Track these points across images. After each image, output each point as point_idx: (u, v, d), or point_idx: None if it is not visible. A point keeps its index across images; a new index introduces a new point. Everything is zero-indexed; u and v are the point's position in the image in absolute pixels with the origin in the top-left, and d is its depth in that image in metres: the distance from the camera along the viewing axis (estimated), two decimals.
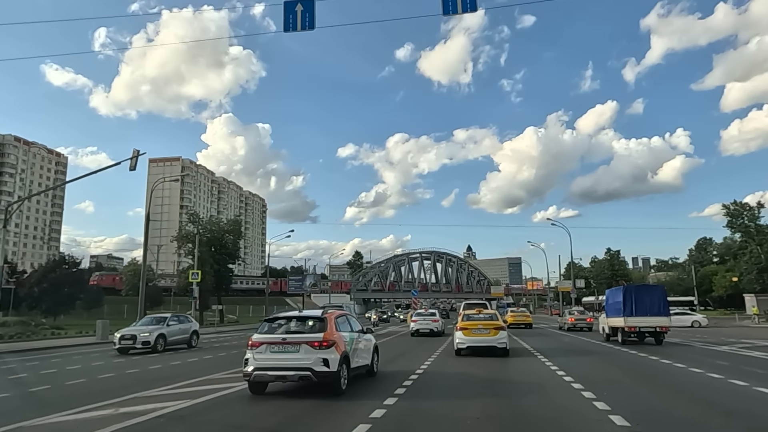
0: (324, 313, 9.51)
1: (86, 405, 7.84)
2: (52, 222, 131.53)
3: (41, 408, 7.71)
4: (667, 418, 7.04)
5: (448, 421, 6.85)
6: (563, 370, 11.78)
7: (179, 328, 20.68)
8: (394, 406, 7.54)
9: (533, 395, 8.79)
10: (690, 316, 40.94)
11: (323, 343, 8.49)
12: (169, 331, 19.79)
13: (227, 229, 57.71)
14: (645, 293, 21.33)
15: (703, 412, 7.52)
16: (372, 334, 11.92)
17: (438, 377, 11.13)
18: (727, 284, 66.88)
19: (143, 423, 6.67)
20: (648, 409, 7.55)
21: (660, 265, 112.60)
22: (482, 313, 17.54)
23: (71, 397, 8.84)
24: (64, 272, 54.48)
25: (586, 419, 6.83)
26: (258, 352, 8.64)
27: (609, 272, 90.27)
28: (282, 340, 8.69)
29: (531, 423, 6.79)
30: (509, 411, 7.52)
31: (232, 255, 57.41)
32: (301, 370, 8.32)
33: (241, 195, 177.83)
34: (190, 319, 22.65)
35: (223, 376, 11.47)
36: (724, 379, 10.44)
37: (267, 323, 9.38)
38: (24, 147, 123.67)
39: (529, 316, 39.10)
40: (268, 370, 8.46)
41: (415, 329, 27.25)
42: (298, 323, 9.19)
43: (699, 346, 19.91)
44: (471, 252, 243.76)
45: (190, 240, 49.73)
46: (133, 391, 9.21)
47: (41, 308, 52.10)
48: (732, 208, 67.54)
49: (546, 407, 7.79)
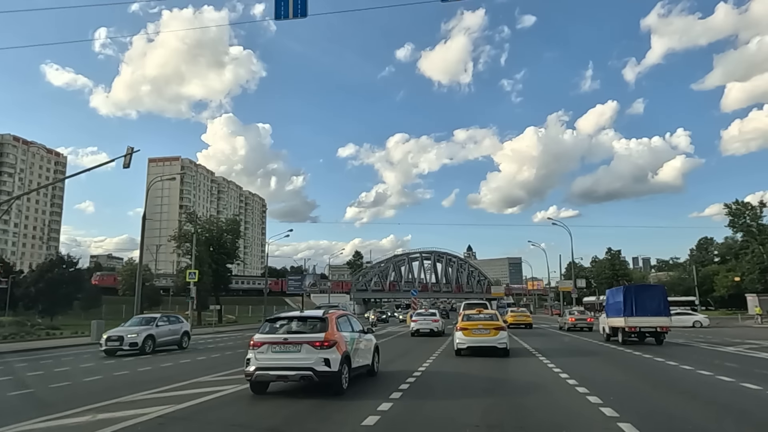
0: (325, 314, 9.48)
1: (66, 410, 7.44)
2: (52, 222, 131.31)
3: (16, 414, 7.30)
4: (680, 426, 6.62)
5: (447, 420, 6.88)
6: (566, 372, 11.38)
7: (169, 329, 19.97)
8: (395, 406, 7.55)
9: (535, 398, 8.43)
10: (691, 316, 40.44)
11: (324, 343, 8.53)
12: (159, 332, 19.09)
13: (226, 228, 57.45)
14: (645, 293, 21.26)
15: (719, 418, 7.10)
16: (372, 335, 11.83)
17: (438, 377, 11.10)
18: (729, 284, 66.51)
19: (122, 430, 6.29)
20: (658, 415, 7.13)
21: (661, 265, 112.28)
22: (482, 313, 17.47)
23: (52, 402, 8.47)
24: (61, 272, 54.18)
25: (592, 426, 6.44)
26: (260, 352, 8.65)
27: (610, 272, 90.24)
28: (284, 340, 8.71)
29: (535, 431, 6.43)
30: (512, 417, 7.07)
31: (230, 255, 57.12)
32: (303, 369, 8.34)
33: (241, 195, 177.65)
34: (181, 320, 21.95)
35: (215, 379, 11.13)
36: (736, 382, 10.03)
37: (268, 323, 9.39)
38: (23, 146, 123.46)
39: (529, 316, 38.90)
40: (269, 369, 8.47)
41: (415, 329, 27.30)
42: (299, 323, 9.20)
43: (704, 347, 19.52)
44: (471, 252, 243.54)
45: (188, 239, 49.45)
46: (118, 395, 8.82)
47: (38, 308, 51.85)
48: (734, 207, 67.22)
49: (549, 411, 7.44)
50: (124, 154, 22.91)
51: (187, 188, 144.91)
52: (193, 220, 55.34)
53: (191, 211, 58.62)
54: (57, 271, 54.31)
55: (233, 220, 65.07)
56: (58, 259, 60.12)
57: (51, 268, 55.24)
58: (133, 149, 22.85)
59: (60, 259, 59.24)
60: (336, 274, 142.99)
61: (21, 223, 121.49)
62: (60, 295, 51.71)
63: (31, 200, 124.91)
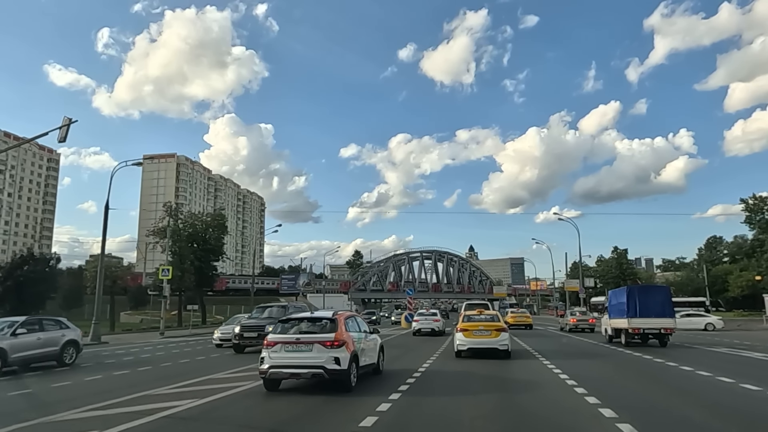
0: (334, 315, 10.16)
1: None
2: (44, 220, 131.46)
3: None
4: None
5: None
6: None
7: (38, 338, 14.89)
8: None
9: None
10: (703, 318, 38.08)
11: (335, 343, 9.17)
12: (17, 344, 14.04)
13: (210, 223, 55.34)
14: (649, 294, 21.09)
15: None
16: (378, 335, 12.49)
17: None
18: (745, 284, 63.59)
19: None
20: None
21: (666, 265, 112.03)
22: (483, 314, 17.45)
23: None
24: (32, 270, 50.03)
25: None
26: (273, 351, 9.30)
27: (617, 271, 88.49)
28: (296, 339, 9.37)
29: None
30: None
31: (215, 251, 54.88)
32: (314, 368, 9.00)
33: (239, 193, 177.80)
34: (66, 325, 16.55)
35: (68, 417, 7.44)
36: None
37: (281, 324, 10.07)
38: (14, 143, 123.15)
39: (530, 317, 39.49)
40: (283, 367, 9.15)
41: (417, 328, 28.70)
42: (309, 324, 9.88)
43: (725, 352, 18.20)
44: (473, 252, 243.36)
45: (170, 235, 47.25)
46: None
47: (6, 308, 49.72)
48: (751, 203, 64.35)
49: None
50: (60, 126, 21.72)
51: (182, 186, 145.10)
52: (172, 213, 51.86)
53: (171, 203, 54.65)
54: (28, 268, 49.99)
55: (218, 214, 62.13)
56: (29, 255, 54.72)
57: (21, 266, 50.74)
58: (71, 120, 21.86)
59: (30, 256, 54.21)
60: (336, 273, 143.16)
61: (12, 221, 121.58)
62: (29, 294, 47.81)
63: (23, 198, 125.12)
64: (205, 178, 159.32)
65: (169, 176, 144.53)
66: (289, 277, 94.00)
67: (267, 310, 21.09)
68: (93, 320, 26.47)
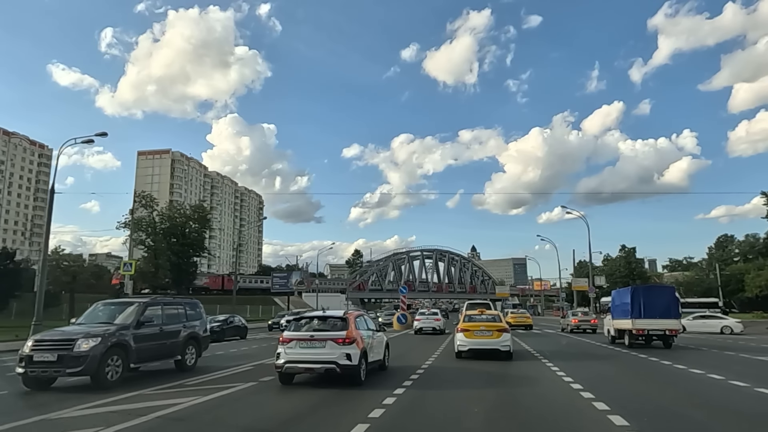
0: (345, 314, 11.12)
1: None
2: (35, 216, 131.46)
3: None
4: None
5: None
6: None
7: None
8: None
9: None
10: (720, 320, 35.96)
11: (346, 340, 10.10)
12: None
13: (191, 215, 53.31)
14: (654, 294, 21.03)
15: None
16: (384, 333, 13.54)
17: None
18: (764, 283, 61.13)
19: None
20: None
21: (673, 265, 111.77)
22: (485, 314, 17.55)
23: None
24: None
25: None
26: (289, 347, 10.24)
27: (625, 270, 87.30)
28: (310, 337, 10.32)
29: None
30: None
31: (195, 246, 52.83)
32: (327, 363, 9.95)
33: (236, 191, 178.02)
34: None
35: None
36: None
37: (294, 322, 11.09)
38: (3, 137, 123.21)
39: (529, 318, 39.97)
40: (297, 363, 10.11)
41: (418, 327, 30.44)
42: (321, 322, 10.85)
43: (746, 357, 17.01)
44: (475, 252, 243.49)
45: (143, 228, 45.62)
46: None
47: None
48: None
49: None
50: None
51: (177, 182, 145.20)
52: (148, 204, 49.89)
53: (145, 194, 52.48)
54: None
55: (199, 206, 60.40)
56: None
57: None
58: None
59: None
60: (336, 273, 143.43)
61: (1, 218, 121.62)
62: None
63: (12, 194, 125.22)
64: (201, 175, 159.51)
65: (164, 172, 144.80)
66: (281, 276, 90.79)
67: None
68: (33, 321, 21.46)
